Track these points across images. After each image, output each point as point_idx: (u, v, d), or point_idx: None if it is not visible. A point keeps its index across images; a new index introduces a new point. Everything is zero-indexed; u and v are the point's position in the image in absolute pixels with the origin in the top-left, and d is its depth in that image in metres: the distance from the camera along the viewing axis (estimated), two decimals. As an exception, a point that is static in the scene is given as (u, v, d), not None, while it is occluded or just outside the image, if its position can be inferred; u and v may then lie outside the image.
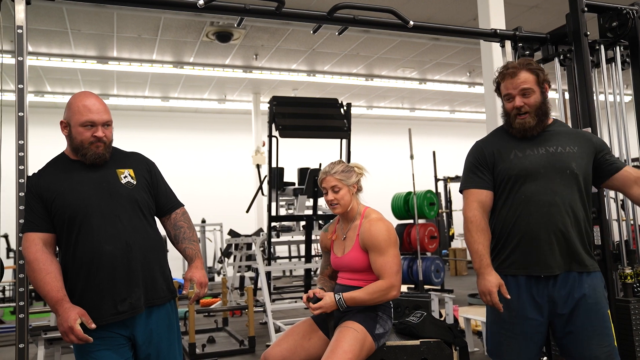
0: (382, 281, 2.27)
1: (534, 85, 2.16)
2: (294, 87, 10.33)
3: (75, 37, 7.30)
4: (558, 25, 3.07)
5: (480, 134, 9.44)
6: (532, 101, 2.15)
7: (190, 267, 2.15)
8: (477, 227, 2.15)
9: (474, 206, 2.19)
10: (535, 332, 2.11)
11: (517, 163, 2.17)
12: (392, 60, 9.02)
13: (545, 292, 2.09)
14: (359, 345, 2.20)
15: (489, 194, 2.22)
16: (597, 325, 2.05)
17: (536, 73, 2.18)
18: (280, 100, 5.64)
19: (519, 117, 2.17)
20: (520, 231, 2.14)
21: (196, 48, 7.93)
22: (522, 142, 2.22)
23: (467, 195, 2.24)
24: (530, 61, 2.23)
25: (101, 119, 2.02)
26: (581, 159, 2.15)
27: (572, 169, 2.12)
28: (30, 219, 1.98)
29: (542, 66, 2.26)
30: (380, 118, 13.16)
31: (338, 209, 2.40)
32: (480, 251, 2.12)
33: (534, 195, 2.13)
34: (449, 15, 6.99)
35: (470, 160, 2.31)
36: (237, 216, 10.18)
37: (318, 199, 5.74)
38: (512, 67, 2.20)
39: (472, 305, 6.68)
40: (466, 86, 10.72)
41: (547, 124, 2.24)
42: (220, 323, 5.89)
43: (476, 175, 2.24)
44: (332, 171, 2.40)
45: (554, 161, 2.14)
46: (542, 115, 2.18)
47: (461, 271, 10.68)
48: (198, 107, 11.55)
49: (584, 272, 2.10)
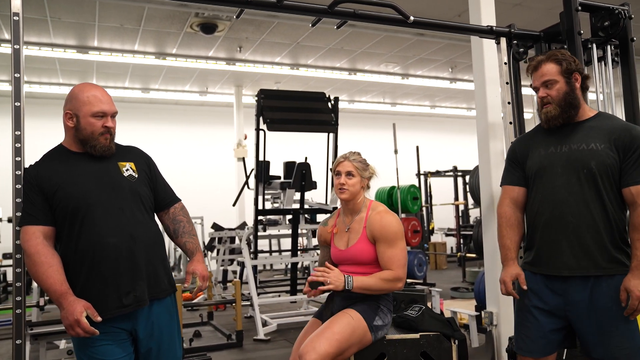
0: (391, 272, 2.30)
1: (557, 75, 2.14)
2: (277, 80, 10.28)
3: (54, 26, 7.11)
4: (541, 23, 3.12)
5: (460, 130, 9.73)
6: (555, 92, 2.14)
7: (192, 261, 2.15)
8: (507, 222, 2.24)
9: (505, 202, 2.28)
10: (551, 327, 2.13)
11: (538, 161, 2.20)
12: (376, 54, 9.04)
13: (560, 291, 2.10)
14: (349, 330, 2.21)
15: (521, 190, 2.27)
16: (615, 326, 2.01)
17: (560, 62, 2.16)
18: (267, 93, 5.61)
19: (543, 107, 2.19)
20: (537, 230, 2.18)
21: (179, 39, 7.81)
22: (550, 137, 2.21)
23: (502, 192, 2.33)
24: (558, 52, 2.21)
25: (111, 110, 2.02)
26: (607, 157, 2.05)
27: (591, 168, 2.05)
28: (30, 212, 1.93)
29: (571, 55, 2.21)
30: (362, 112, 13.20)
31: (346, 194, 2.40)
32: (507, 245, 2.22)
33: (550, 194, 2.14)
34: (434, 12, 7.03)
35: (506, 157, 2.39)
36: (218, 209, 10.12)
37: (305, 192, 5.73)
38: (536, 60, 2.23)
39: (455, 298, 6.79)
40: (448, 82, 10.82)
41: (583, 116, 2.18)
42: (205, 317, 5.84)
43: (509, 172, 2.32)
44: (352, 157, 2.44)
45: (573, 160, 2.10)
46: (567, 106, 2.14)
47: (441, 265, 10.82)
48: (179, 99, 11.41)
49: (602, 276, 2.03)
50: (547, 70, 2.15)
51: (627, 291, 1.94)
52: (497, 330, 3.75)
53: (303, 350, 2.12)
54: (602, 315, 2.02)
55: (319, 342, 2.12)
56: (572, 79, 2.15)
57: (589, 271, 2.04)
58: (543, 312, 2.13)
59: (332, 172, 2.51)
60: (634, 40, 3.06)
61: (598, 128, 2.12)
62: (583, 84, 2.19)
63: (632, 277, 1.95)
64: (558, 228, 2.10)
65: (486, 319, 3.81)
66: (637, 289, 1.92)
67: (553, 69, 2.15)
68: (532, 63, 2.23)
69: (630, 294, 1.93)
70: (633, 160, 2.03)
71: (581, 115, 2.18)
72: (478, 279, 4.81)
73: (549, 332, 2.13)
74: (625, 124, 2.14)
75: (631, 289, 1.93)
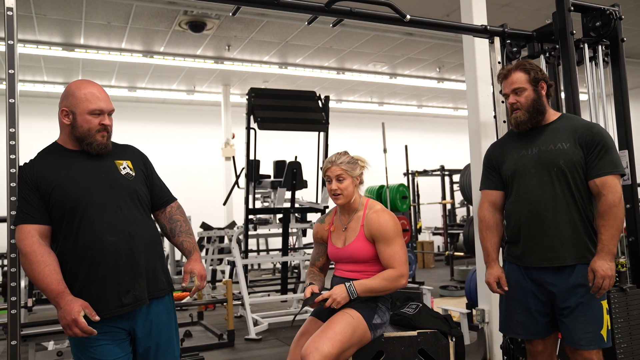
0: (393, 270, 2.32)
1: (526, 83, 2.32)
2: (265, 79, 10.24)
3: (40, 22, 6.99)
4: (528, 24, 3.16)
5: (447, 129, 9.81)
6: (524, 99, 2.32)
7: (190, 260, 2.14)
8: (486, 226, 2.41)
9: (484, 206, 2.44)
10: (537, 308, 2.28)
11: (512, 164, 2.36)
12: (364, 54, 9.05)
13: (539, 279, 2.26)
14: (350, 330, 2.21)
15: (499, 194, 2.43)
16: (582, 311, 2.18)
17: (528, 72, 2.33)
18: (258, 92, 5.59)
19: (513, 113, 2.36)
20: (517, 226, 2.33)
21: (167, 37, 7.74)
22: (521, 141, 2.37)
23: (481, 196, 2.48)
24: (526, 62, 2.38)
25: (108, 107, 2.00)
26: (573, 155, 2.23)
27: (560, 165, 2.24)
28: (25, 210, 1.90)
29: (537, 66, 2.38)
30: (349, 112, 13.20)
31: (341, 199, 2.40)
32: (487, 247, 2.39)
33: (524, 193, 2.31)
34: (422, 12, 7.04)
35: (483, 163, 2.53)
36: (206, 209, 10.04)
37: (296, 191, 5.72)
38: (507, 69, 2.40)
39: (444, 297, 6.84)
40: (435, 81, 10.87)
41: (548, 120, 2.36)
42: (195, 317, 5.80)
43: (487, 177, 2.47)
44: (339, 161, 2.42)
45: (543, 159, 2.28)
46: (535, 112, 2.32)
47: (429, 264, 10.88)
48: (166, 98, 11.30)
49: (577, 264, 2.20)
50: (517, 79, 2.33)
51: (592, 272, 2.12)
52: (489, 328, 3.79)
53: (305, 352, 2.11)
54: (574, 299, 2.19)
55: (322, 342, 2.12)
56: (538, 87, 2.33)
57: (566, 261, 2.21)
58: (527, 295, 2.29)
59: (323, 175, 2.50)
60: (624, 41, 3.11)
61: (563, 129, 2.31)
62: (548, 92, 2.37)
63: (597, 259, 2.13)
64: (536, 224, 2.27)
65: (478, 316, 3.85)
66: (602, 268, 2.09)
67: (522, 77, 2.32)
68: (502, 72, 2.41)
69: (595, 273, 2.11)
70: (595, 154, 2.22)
71: (547, 118, 2.36)
72: (469, 277, 4.85)
73: (538, 315, 2.29)
74: (587, 123, 2.33)
75: (596, 269, 2.11)
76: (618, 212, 2.14)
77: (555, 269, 2.23)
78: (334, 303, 2.26)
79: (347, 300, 2.28)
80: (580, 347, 2.18)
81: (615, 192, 2.16)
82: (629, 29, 7.82)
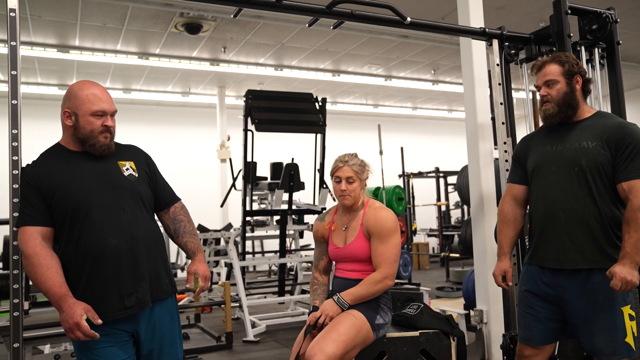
0: (377, 273, 2.33)
1: (559, 76, 2.23)
2: (260, 81, 10.24)
3: (34, 24, 6.96)
4: (523, 26, 3.19)
5: (441, 131, 9.87)
6: (555, 91, 2.23)
7: (194, 261, 2.12)
8: (504, 219, 2.37)
9: (506, 200, 2.40)
10: (546, 315, 2.22)
11: (535, 159, 2.29)
12: (360, 56, 9.07)
13: (552, 283, 2.19)
14: (354, 331, 2.22)
15: (522, 188, 2.38)
16: (603, 320, 2.08)
17: (563, 64, 2.24)
18: (255, 94, 5.59)
19: (542, 105, 2.27)
20: (535, 225, 2.28)
21: (163, 39, 7.72)
22: (549, 137, 2.29)
23: (506, 189, 2.44)
24: (562, 54, 2.29)
25: (111, 109, 1.98)
26: (597, 155, 2.12)
27: (581, 165, 2.13)
28: (28, 212, 1.89)
29: (575, 58, 2.29)
30: (345, 114, 13.23)
31: (348, 200, 2.42)
32: (501, 241, 2.36)
33: (543, 191, 2.24)
34: (417, 15, 7.08)
35: (512, 156, 2.49)
36: (201, 211, 9.98)
37: (293, 193, 5.73)
38: (542, 60, 2.31)
39: (440, 298, 6.87)
40: (430, 84, 10.92)
41: (581, 116, 2.26)
42: (192, 319, 5.79)
43: (512, 171, 2.43)
44: (351, 162, 2.44)
45: (565, 157, 2.19)
46: (566, 106, 2.22)
47: (424, 265, 10.91)
48: (161, 100, 11.27)
49: (594, 269, 2.10)
50: (550, 71, 2.24)
51: (611, 274, 2.01)
52: (487, 328, 3.81)
53: (310, 353, 2.12)
54: (591, 308, 2.10)
55: (326, 343, 2.13)
56: (573, 81, 2.23)
57: (578, 264, 2.12)
58: (538, 300, 2.24)
59: (331, 176, 2.50)
60: (619, 44, 3.14)
61: (592, 127, 2.20)
62: (584, 87, 2.26)
63: (617, 264, 2.02)
64: (550, 223, 2.20)
65: (476, 317, 3.86)
66: (622, 271, 1.98)
67: (556, 69, 2.23)
68: (537, 63, 2.32)
69: (614, 275, 2.00)
70: (625, 156, 2.09)
71: (579, 115, 2.26)
72: (466, 278, 4.88)
73: (546, 320, 2.22)
74: (620, 122, 2.20)
75: (615, 272, 2.00)
76: None
77: (571, 273, 2.13)
78: (327, 318, 2.30)
79: (339, 312, 2.31)
80: (605, 357, 2.09)
81: None
82: (623, 32, 7.89)
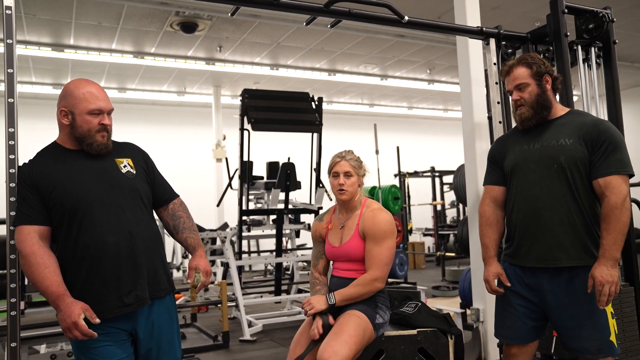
0: (367, 274, 2.33)
1: (529, 78, 2.23)
2: (256, 80, 10.22)
3: (29, 22, 6.92)
4: (518, 26, 3.21)
5: (437, 131, 9.89)
6: (527, 94, 2.23)
7: (195, 256, 2.11)
8: (486, 221, 2.34)
9: (485, 202, 2.37)
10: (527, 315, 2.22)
11: (513, 159, 2.28)
12: (356, 56, 9.08)
13: (534, 282, 2.19)
14: (362, 331, 2.23)
15: (500, 189, 2.36)
16: (586, 319, 2.09)
17: (530, 66, 2.24)
18: (252, 93, 5.59)
19: (517, 109, 2.28)
20: (515, 224, 2.26)
21: (159, 38, 7.70)
22: (525, 136, 2.29)
23: (483, 191, 2.42)
24: (528, 56, 2.29)
25: (107, 107, 1.98)
26: (575, 152, 2.12)
27: (560, 162, 2.13)
28: (24, 211, 1.88)
29: (541, 58, 2.29)
30: (340, 113, 13.23)
31: (345, 195, 2.42)
32: (486, 244, 2.31)
33: (523, 190, 2.23)
34: (413, 14, 7.10)
35: (487, 158, 2.47)
36: (197, 210, 9.94)
37: (290, 192, 5.72)
38: (509, 64, 2.31)
39: (437, 297, 6.88)
40: (425, 83, 10.93)
41: (555, 115, 2.27)
42: (188, 319, 5.77)
43: (489, 173, 2.41)
44: (348, 157, 2.45)
45: (544, 155, 2.18)
46: (540, 107, 2.23)
47: (420, 265, 10.93)
48: (156, 99, 11.23)
49: (576, 267, 2.11)
50: (519, 74, 2.24)
51: (592, 278, 2.01)
52: (484, 327, 3.81)
53: (324, 356, 2.11)
54: (575, 307, 2.10)
55: (339, 346, 2.13)
56: (542, 81, 2.24)
57: (561, 262, 2.11)
58: (520, 299, 2.23)
59: (329, 172, 2.50)
60: (615, 43, 3.16)
61: (569, 124, 2.21)
62: (554, 85, 2.27)
63: (597, 265, 2.01)
64: (532, 222, 2.19)
65: (472, 315, 3.87)
66: (601, 274, 1.97)
67: (524, 72, 2.24)
68: (504, 68, 2.33)
69: (595, 280, 1.99)
70: (601, 153, 2.10)
71: (553, 114, 2.27)
72: (462, 277, 4.89)
73: (526, 319, 2.22)
74: (595, 119, 2.22)
75: (595, 276, 1.99)
76: (621, 214, 2.00)
77: (553, 272, 2.13)
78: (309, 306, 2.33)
79: (324, 304, 2.32)
80: (590, 356, 2.10)
81: (618, 194, 2.02)
82: (619, 32, 7.93)
